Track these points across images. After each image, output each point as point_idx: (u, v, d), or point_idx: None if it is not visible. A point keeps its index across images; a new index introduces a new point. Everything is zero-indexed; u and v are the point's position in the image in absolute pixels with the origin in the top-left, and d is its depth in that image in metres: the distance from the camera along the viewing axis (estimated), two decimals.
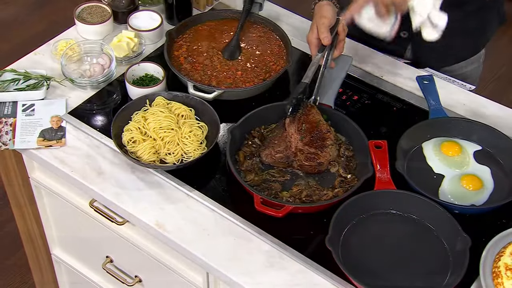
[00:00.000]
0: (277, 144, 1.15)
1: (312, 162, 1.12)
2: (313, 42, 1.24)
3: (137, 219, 1.11)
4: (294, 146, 1.13)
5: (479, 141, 1.20)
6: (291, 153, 1.14)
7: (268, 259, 1.05)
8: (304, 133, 1.13)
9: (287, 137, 1.14)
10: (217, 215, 1.11)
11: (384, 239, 1.06)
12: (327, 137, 1.14)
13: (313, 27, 1.24)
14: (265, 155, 1.15)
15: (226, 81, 1.32)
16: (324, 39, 1.21)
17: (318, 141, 1.13)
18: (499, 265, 0.95)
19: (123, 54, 1.35)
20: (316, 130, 1.14)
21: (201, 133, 1.21)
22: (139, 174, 1.17)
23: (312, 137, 1.13)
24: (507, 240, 1.00)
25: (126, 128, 1.20)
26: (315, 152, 1.12)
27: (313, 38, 1.24)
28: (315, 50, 1.24)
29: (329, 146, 1.13)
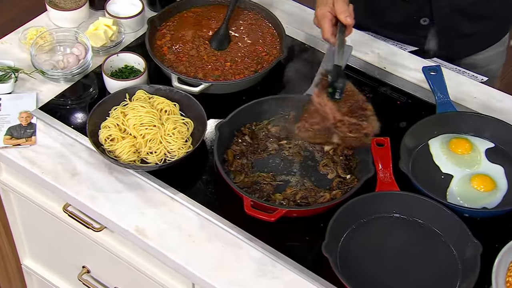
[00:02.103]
0: (310, 116, 1.08)
1: (358, 134, 1.06)
2: (327, 16, 1.13)
3: (115, 224, 1.11)
4: (332, 117, 1.06)
5: (491, 138, 1.20)
6: (331, 124, 1.07)
7: (260, 268, 1.05)
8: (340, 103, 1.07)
9: (319, 109, 1.07)
10: (203, 220, 1.11)
11: (387, 246, 1.06)
12: (366, 107, 1.08)
13: (326, 1, 1.14)
14: (299, 128, 1.09)
15: (214, 73, 1.32)
16: (347, 18, 1.11)
17: (358, 111, 1.07)
18: None
19: (100, 44, 1.35)
20: (352, 99, 1.09)
21: (186, 130, 1.21)
22: (117, 175, 1.17)
23: (350, 107, 1.07)
24: None
25: (104, 125, 1.20)
26: (356, 122, 1.06)
27: (327, 12, 1.13)
28: (330, 28, 1.14)
29: (370, 117, 1.07)
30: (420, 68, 1.32)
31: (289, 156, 1.20)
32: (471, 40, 1.40)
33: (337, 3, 1.12)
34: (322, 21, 1.14)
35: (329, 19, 1.12)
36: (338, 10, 1.12)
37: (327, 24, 1.13)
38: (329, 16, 1.12)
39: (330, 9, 1.13)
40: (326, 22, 1.13)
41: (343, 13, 1.11)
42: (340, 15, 1.12)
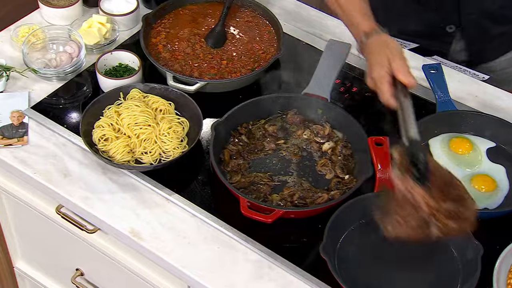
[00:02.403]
0: (400, 208, 0.92)
1: (459, 222, 0.90)
2: (385, 78, 1.01)
3: (109, 226, 1.11)
4: (426, 205, 0.90)
5: (492, 137, 1.20)
6: (426, 214, 0.91)
7: (256, 270, 1.05)
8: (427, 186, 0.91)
9: (408, 197, 0.91)
10: (199, 221, 1.11)
11: (386, 247, 1.05)
12: (458, 184, 0.93)
13: (382, 61, 1.03)
14: (392, 225, 0.92)
15: (210, 71, 1.32)
16: (409, 79, 1.00)
17: (450, 191, 0.91)
18: None
19: (94, 42, 1.35)
20: (439, 176, 0.92)
21: (181, 129, 1.21)
22: (111, 175, 1.16)
23: (440, 187, 0.91)
24: None
25: (97, 125, 1.19)
26: (455, 209, 0.90)
27: (385, 73, 1.02)
28: (389, 90, 1.01)
29: (466, 197, 0.92)
30: (420, 66, 1.32)
31: (286, 156, 1.20)
32: (497, 43, 1.39)
33: (395, 61, 1.02)
34: (380, 84, 1.02)
35: (388, 80, 1.01)
36: (397, 69, 1.01)
37: (386, 87, 1.01)
38: (387, 77, 1.01)
39: (387, 69, 1.02)
40: (385, 84, 1.01)
41: (403, 72, 1.00)
42: (400, 75, 1.00)
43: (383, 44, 1.05)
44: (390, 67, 1.02)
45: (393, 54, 1.02)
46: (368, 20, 1.10)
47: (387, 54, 1.03)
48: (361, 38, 1.08)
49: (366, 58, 1.08)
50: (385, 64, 1.03)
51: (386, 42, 1.06)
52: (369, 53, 1.06)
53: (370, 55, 1.06)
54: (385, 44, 1.05)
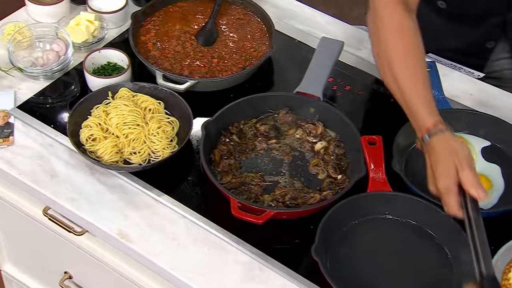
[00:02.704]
0: None
1: None
2: (453, 190, 0.94)
3: (96, 228, 1.10)
4: None
5: (487, 136, 1.20)
6: None
7: (247, 272, 1.04)
8: None
9: None
10: (189, 223, 1.10)
11: (379, 248, 1.06)
12: None
13: (449, 171, 0.95)
14: None
15: (201, 70, 1.32)
16: (480, 193, 0.93)
17: None
18: (509, 277, 0.95)
19: (82, 40, 1.34)
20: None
21: (171, 129, 1.20)
22: (99, 176, 1.16)
23: None
24: None
25: (85, 124, 1.19)
26: None
27: (452, 185, 0.94)
28: (457, 203, 0.94)
29: None
30: None
31: (278, 155, 1.20)
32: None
33: (463, 171, 0.93)
34: (447, 196, 0.94)
35: (455, 192, 0.94)
36: (467, 182, 0.93)
37: (454, 199, 0.94)
38: (455, 189, 0.94)
39: (454, 180, 0.94)
40: (452, 197, 0.94)
41: (473, 186, 0.93)
42: (470, 189, 0.93)
43: (450, 150, 0.96)
44: (458, 177, 0.94)
45: (461, 163, 0.94)
46: (432, 114, 1.00)
47: (455, 162, 0.94)
48: (423, 135, 0.99)
49: (428, 159, 0.99)
50: (453, 175, 0.94)
51: (453, 148, 0.96)
52: (434, 158, 0.97)
53: (435, 160, 0.97)
54: (452, 150, 0.96)
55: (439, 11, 1.31)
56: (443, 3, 1.28)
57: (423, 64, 1.05)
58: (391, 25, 1.06)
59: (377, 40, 1.08)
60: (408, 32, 1.06)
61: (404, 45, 1.05)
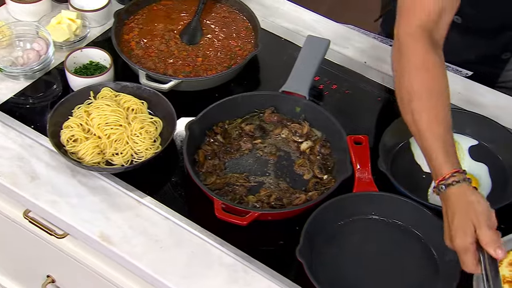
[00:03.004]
0: None
1: None
2: (470, 250, 0.91)
3: (77, 231, 1.10)
4: None
5: (474, 135, 1.20)
6: None
7: (231, 274, 1.04)
8: None
9: None
10: (172, 224, 1.10)
11: (365, 249, 1.06)
12: None
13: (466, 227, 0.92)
14: None
15: (185, 69, 1.31)
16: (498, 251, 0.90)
17: None
18: None
19: (63, 38, 1.33)
20: None
21: (154, 129, 1.20)
22: (80, 178, 1.15)
23: None
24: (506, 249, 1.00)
25: (66, 125, 1.18)
26: None
27: (470, 245, 0.91)
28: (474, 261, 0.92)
29: None
30: None
31: (263, 156, 1.20)
32: None
33: (481, 230, 0.90)
34: (465, 254, 0.91)
35: (472, 252, 0.91)
36: (485, 241, 0.90)
37: (471, 259, 0.91)
38: (472, 248, 0.91)
39: (472, 239, 0.91)
40: (469, 255, 0.91)
41: (491, 246, 0.90)
42: (489, 248, 0.90)
43: (468, 205, 0.93)
44: (476, 235, 0.91)
45: (479, 221, 0.91)
46: (449, 162, 0.96)
47: (473, 219, 0.91)
48: (439, 183, 0.96)
49: (444, 208, 0.96)
50: (470, 233, 0.91)
51: (471, 203, 0.93)
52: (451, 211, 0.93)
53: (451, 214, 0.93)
54: (469, 205, 0.92)
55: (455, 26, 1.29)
56: (458, 18, 1.26)
57: (446, 104, 0.99)
58: (415, 59, 1.00)
59: (400, 71, 1.01)
60: (433, 68, 1.00)
61: (428, 82, 0.99)
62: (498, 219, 1.09)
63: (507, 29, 1.31)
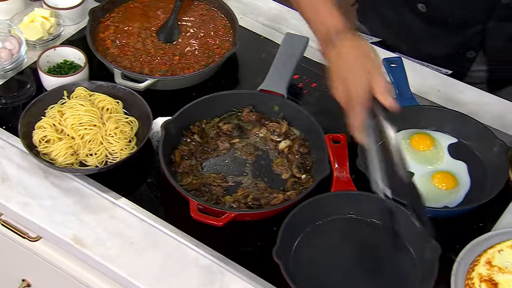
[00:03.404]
0: None
1: None
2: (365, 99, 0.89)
3: (50, 233, 1.09)
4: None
5: (454, 133, 1.21)
6: None
7: (207, 276, 1.04)
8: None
9: None
10: (147, 226, 1.09)
11: (343, 249, 1.06)
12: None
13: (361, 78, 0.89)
14: None
15: (161, 68, 1.31)
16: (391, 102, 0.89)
17: None
18: (473, 276, 0.96)
19: (37, 37, 1.32)
20: None
21: (129, 129, 1.19)
22: (53, 179, 1.14)
23: None
24: (484, 247, 1.01)
25: (38, 125, 1.17)
26: None
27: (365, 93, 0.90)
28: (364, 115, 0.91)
29: None
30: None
31: (241, 155, 1.20)
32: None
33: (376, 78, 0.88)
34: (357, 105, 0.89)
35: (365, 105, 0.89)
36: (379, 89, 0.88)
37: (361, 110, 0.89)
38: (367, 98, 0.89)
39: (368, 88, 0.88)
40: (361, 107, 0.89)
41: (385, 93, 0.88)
42: (381, 95, 0.88)
43: (362, 54, 0.90)
44: (371, 86, 0.88)
45: (375, 69, 0.88)
46: (337, 17, 0.94)
47: (368, 68, 0.88)
48: (331, 36, 0.92)
49: (335, 64, 0.93)
50: (366, 82, 0.88)
51: (365, 52, 0.90)
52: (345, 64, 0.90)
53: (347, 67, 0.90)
54: (364, 54, 0.89)
55: (419, 14, 1.30)
56: (423, 6, 1.27)
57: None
58: None
59: None
60: None
61: None
62: (476, 217, 1.10)
63: (470, 23, 1.31)
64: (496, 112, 1.28)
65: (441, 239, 1.01)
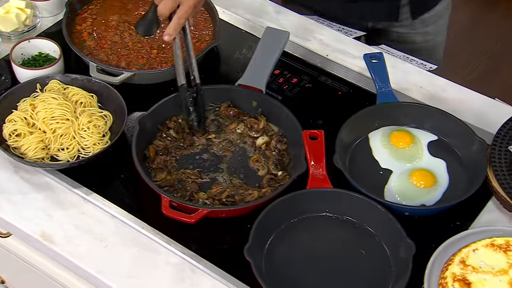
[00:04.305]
0: None
1: None
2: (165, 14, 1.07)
3: (17, 229, 1.08)
4: None
5: (434, 130, 1.20)
6: None
7: (178, 274, 1.03)
8: None
9: None
10: (118, 223, 1.08)
11: (317, 248, 1.05)
12: None
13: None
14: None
15: (139, 61, 1.29)
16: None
17: None
18: (446, 275, 0.95)
19: (11, 29, 1.31)
20: None
21: (103, 123, 1.18)
22: (23, 174, 1.13)
23: None
24: (459, 246, 1.00)
25: (9, 119, 1.16)
26: None
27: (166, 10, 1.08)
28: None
29: None
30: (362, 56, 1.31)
31: (217, 151, 1.19)
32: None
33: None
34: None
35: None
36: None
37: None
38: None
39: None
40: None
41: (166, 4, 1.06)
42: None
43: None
44: None
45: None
46: None
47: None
48: None
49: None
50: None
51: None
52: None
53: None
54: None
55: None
56: None
57: None
58: None
59: None
60: None
61: None
62: (454, 216, 1.09)
63: None
64: (477, 110, 1.27)
65: (417, 238, 1.01)
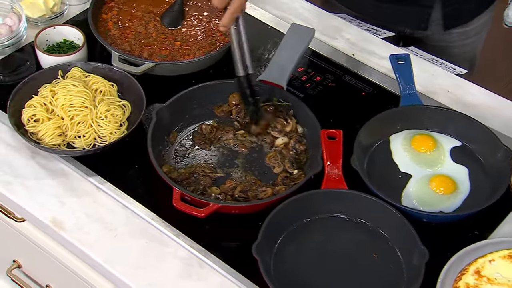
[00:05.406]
0: None
1: None
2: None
3: (29, 214, 1.08)
4: None
5: (458, 135, 1.17)
6: None
7: (185, 268, 1.02)
8: None
9: None
10: (129, 213, 1.08)
11: (329, 249, 1.03)
12: None
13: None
14: None
15: (161, 52, 1.29)
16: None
17: None
18: (459, 285, 0.92)
19: (39, 15, 1.33)
20: None
21: (121, 113, 1.18)
22: (40, 160, 1.14)
23: None
24: (475, 256, 0.97)
25: (28, 104, 1.17)
26: None
27: None
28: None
29: None
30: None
31: (234, 147, 1.18)
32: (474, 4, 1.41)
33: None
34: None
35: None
36: None
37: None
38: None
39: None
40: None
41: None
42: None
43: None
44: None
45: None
46: None
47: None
48: None
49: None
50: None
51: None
52: None
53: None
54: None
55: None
56: None
57: None
58: None
59: None
60: None
61: None
62: (473, 224, 1.06)
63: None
64: (506, 117, 1.23)
65: (432, 245, 0.98)
